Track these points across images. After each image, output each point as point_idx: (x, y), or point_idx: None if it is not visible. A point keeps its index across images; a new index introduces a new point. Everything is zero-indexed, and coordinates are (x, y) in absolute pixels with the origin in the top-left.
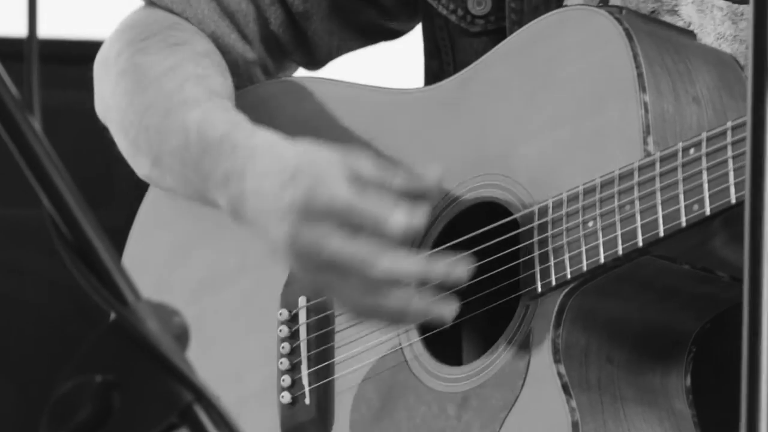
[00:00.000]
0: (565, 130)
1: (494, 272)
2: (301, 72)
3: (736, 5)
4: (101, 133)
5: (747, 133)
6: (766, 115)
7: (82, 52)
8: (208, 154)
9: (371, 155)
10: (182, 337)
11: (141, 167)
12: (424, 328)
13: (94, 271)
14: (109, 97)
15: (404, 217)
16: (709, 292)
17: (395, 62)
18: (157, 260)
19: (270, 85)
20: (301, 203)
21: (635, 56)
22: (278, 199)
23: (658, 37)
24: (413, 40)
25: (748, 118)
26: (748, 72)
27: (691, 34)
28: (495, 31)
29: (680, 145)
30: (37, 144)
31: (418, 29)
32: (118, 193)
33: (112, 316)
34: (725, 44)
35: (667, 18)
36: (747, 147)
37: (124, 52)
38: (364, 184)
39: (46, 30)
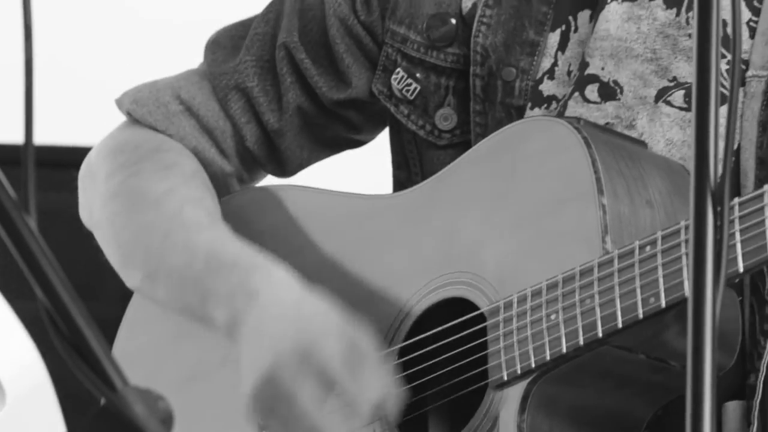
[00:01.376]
0: (528, 230)
1: (462, 363)
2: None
3: (683, 112)
4: (91, 233)
5: (691, 227)
6: (707, 213)
7: (75, 158)
8: (216, 273)
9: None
10: (167, 421)
11: (131, 279)
12: None
13: (86, 359)
14: (99, 212)
15: (379, 404)
16: (662, 381)
17: (362, 169)
18: (146, 353)
19: (246, 194)
20: (301, 346)
21: (593, 162)
22: (281, 330)
23: (613, 145)
24: (378, 149)
25: (690, 214)
26: (691, 179)
27: (642, 144)
28: (461, 144)
29: (637, 243)
30: (32, 242)
31: (384, 138)
32: (107, 287)
33: (102, 401)
34: (674, 149)
35: (624, 131)
36: (690, 241)
37: (116, 175)
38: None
39: (41, 137)
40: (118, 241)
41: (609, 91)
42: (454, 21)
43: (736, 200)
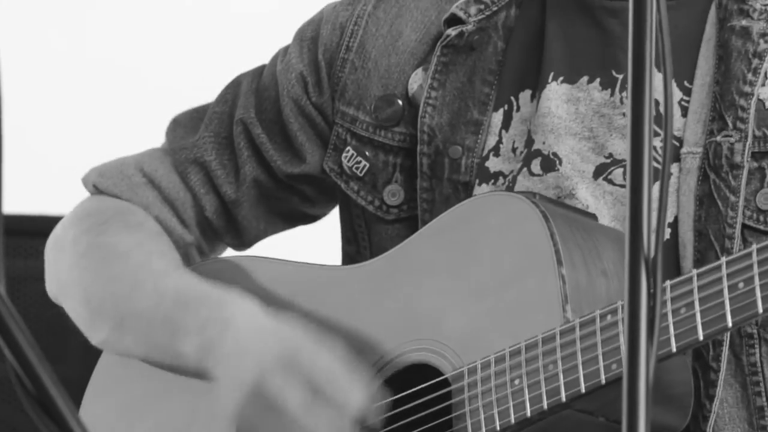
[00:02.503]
0: (490, 299)
1: (427, 426)
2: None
3: (624, 190)
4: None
5: (625, 296)
6: (641, 282)
7: (42, 227)
8: (185, 308)
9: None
10: None
11: (98, 332)
12: None
13: (53, 417)
14: (66, 275)
15: (364, 410)
16: None
17: (311, 244)
18: (111, 419)
19: (208, 264)
20: (285, 356)
21: (552, 235)
22: (263, 344)
23: (568, 218)
24: (328, 225)
25: (625, 284)
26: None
27: (593, 216)
28: (408, 218)
29: (598, 312)
30: (1, 305)
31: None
32: (71, 349)
33: None
34: (619, 225)
35: (567, 201)
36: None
37: (84, 237)
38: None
39: (9, 206)
40: (87, 296)
41: (549, 163)
42: (400, 102)
43: (668, 283)
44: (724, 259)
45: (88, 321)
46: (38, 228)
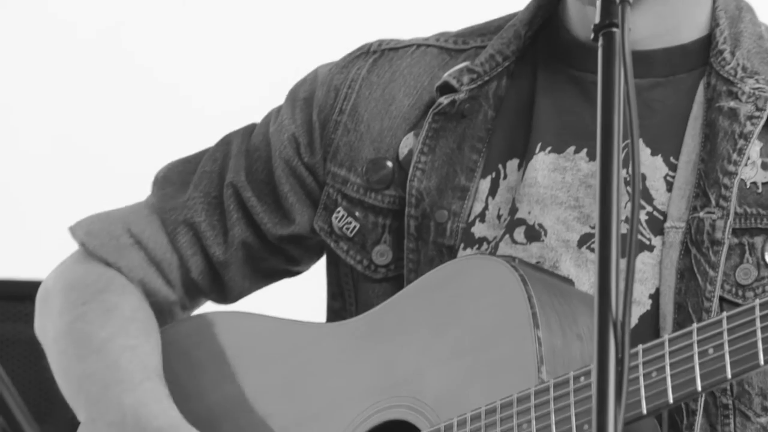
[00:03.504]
0: (467, 359)
1: None
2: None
3: None
4: (42, 357)
5: (594, 358)
6: (608, 345)
7: (29, 291)
8: None
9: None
10: None
11: (77, 413)
12: None
13: None
14: (51, 343)
15: None
16: None
17: (296, 297)
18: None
19: (188, 323)
20: None
21: (530, 298)
22: None
23: (546, 283)
24: (312, 278)
25: (594, 348)
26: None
27: (570, 282)
28: (395, 277)
29: (572, 373)
30: None
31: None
32: (57, 410)
33: None
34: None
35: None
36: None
37: (66, 313)
38: None
39: None
40: (66, 380)
41: (534, 234)
42: (391, 165)
43: (640, 347)
44: (695, 326)
45: (68, 399)
46: (26, 292)
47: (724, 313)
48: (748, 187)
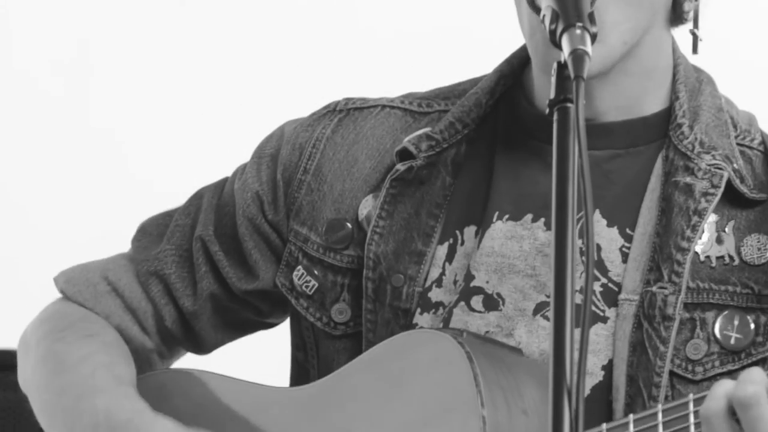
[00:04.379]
0: None
1: None
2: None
3: None
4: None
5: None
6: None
7: (7, 360)
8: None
9: None
10: None
11: None
12: None
13: None
14: (30, 376)
15: None
16: None
17: (264, 348)
18: None
19: (165, 374)
20: None
21: (476, 376)
22: None
23: (493, 357)
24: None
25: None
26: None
27: (519, 351)
28: (354, 334)
29: None
30: None
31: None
32: None
33: None
34: (548, 359)
35: (503, 339)
36: None
37: (43, 341)
38: None
39: None
40: (43, 403)
41: (492, 303)
42: (350, 226)
43: (604, 426)
44: (660, 407)
45: (46, 426)
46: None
47: (691, 396)
48: (701, 261)
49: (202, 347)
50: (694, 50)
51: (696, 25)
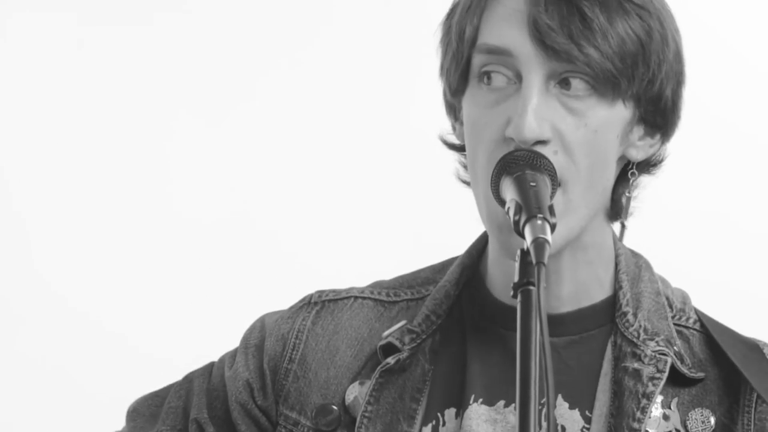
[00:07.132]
0: None
1: None
2: None
3: None
4: None
5: None
6: None
7: None
8: None
9: None
10: None
11: None
12: None
13: None
14: None
15: None
16: None
17: None
18: None
19: None
20: None
21: None
22: None
23: None
24: None
25: None
26: None
27: None
28: None
29: None
30: None
31: None
32: None
33: None
34: None
35: None
36: None
37: None
38: None
39: None
40: None
41: None
42: (337, 409)
43: None
44: None
45: None
46: None
47: None
48: None
49: None
50: (621, 238)
51: (626, 217)
